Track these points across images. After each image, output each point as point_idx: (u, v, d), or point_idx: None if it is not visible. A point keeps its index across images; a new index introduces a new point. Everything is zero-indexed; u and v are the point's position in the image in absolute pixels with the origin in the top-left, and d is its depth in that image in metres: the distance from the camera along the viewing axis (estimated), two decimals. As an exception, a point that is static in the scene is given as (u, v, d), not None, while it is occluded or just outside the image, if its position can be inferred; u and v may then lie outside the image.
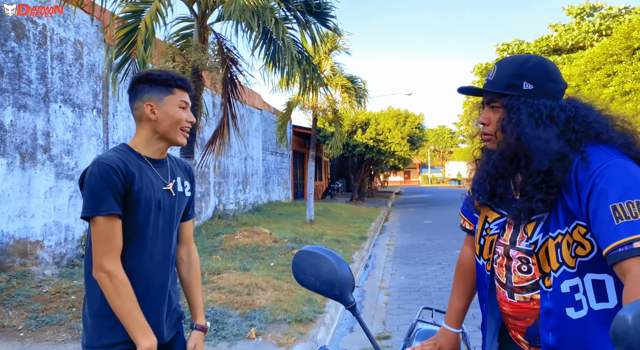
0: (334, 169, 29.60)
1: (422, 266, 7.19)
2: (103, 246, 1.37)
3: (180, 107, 1.49)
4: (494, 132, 1.26)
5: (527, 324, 1.26)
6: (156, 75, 1.50)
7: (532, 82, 1.19)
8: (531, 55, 1.24)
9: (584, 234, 1.12)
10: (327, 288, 1.15)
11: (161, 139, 1.51)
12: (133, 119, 1.53)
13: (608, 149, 1.13)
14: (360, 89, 10.16)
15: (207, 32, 4.66)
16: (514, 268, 1.26)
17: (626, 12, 24.56)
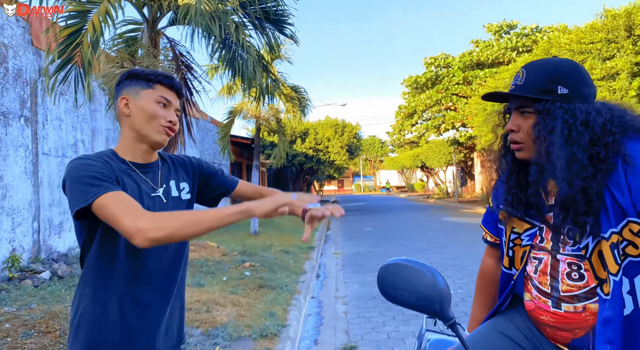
0: (271, 179, 29.38)
1: (373, 273, 7.27)
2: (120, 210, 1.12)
3: (158, 102, 1.33)
4: (527, 140, 1.21)
5: (575, 336, 1.18)
6: (140, 70, 1.38)
7: (567, 86, 1.15)
8: (562, 59, 1.21)
9: (636, 232, 1.06)
10: (425, 303, 1.07)
11: (139, 139, 1.35)
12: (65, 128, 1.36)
13: None
14: (304, 99, 10.18)
15: (159, 37, 4.42)
16: (562, 275, 1.19)
17: (537, 31, 26.93)
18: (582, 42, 9.75)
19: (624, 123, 1.14)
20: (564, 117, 1.14)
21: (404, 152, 43.11)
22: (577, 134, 1.13)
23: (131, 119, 1.34)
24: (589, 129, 1.13)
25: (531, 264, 1.28)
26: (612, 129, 1.13)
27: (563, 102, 1.15)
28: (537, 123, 1.18)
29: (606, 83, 9.15)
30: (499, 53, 25.63)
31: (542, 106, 1.16)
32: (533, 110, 1.19)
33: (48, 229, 6.84)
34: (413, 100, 28.48)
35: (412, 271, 1.09)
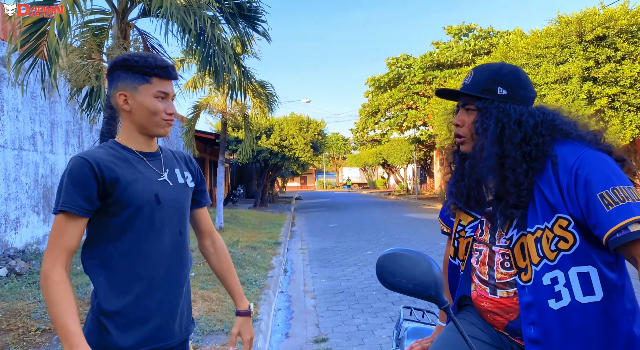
0: (234, 174, 29.06)
1: (340, 268, 7.40)
2: (50, 244, 1.28)
3: (157, 97, 1.36)
4: (468, 134, 1.32)
5: (509, 319, 1.29)
6: (133, 61, 1.37)
7: (506, 87, 1.26)
8: (505, 64, 1.31)
9: (565, 227, 1.14)
10: (422, 289, 1.12)
11: (140, 131, 1.40)
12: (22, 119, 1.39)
13: (578, 143, 1.21)
14: (270, 95, 10.16)
15: (129, 28, 4.33)
16: (497, 265, 1.30)
17: (494, 35, 27.93)
18: (538, 46, 10.24)
19: (554, 126, 1.25)
20: (498, 116, 1.25)
21: (366, 149, 43.68)
22: (510, 132, 1.23)
23: (131, 114, 1.37)
24: (522, 128, 1.23)
25: (474, 256, 1.40)
26: (542, 131, 1.23)
27: (500, 102, 1.26)
28: (476, 120, 1.29)
29: (559, 86, 9.66)
30: (458, 55, 26.41)
31: (482, 104, 1.28)
32: (475, 107, 1.30)
33: (3, 225, 6.55)
34: (376, 99, 28.92)
35: (410, 259, 1.15)
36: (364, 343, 4.05)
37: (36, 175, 7.37)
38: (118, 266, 1.33)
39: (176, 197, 1.44)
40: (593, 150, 1.18)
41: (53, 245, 1.26)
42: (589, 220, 1.11)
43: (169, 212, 1.41)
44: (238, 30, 4.66)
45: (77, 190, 1.27)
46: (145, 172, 1.39)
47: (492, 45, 25.56)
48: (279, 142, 18.52)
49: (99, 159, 1.31)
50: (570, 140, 1.23)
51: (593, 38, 9.17)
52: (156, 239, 1.37)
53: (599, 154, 1.16)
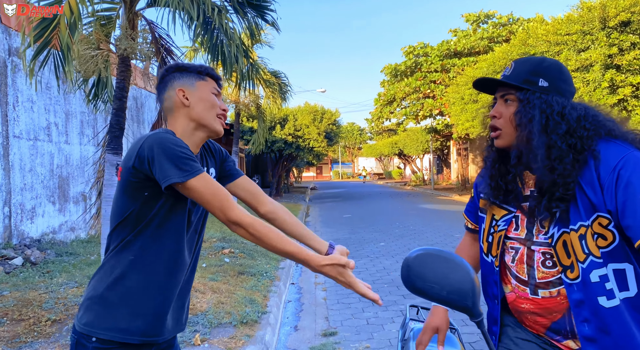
0: (249, 165, 29.18)
1: (352, 259, 7.34)
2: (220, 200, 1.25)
3: (213, 93, 1.46)
4: (506, 127, 1.30)
5: (553, 319, 1.27)
6: (187, 64, 1.48)
7: (548, 80, 1.25)
8: (546, 58, 1.31)
9: (605, 225, 1.14)
10: (458, 298, 1.00)
11: (198, 128, 1.43)
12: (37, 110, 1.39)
13: (622, 143, 1.19)
14: (284, 84, 10.08)
15: (137, 19, 4.29)
16: (538, 264, 1.27)
17: (513, 22, 27.26)
18: (558, 33, 9.91)
19: (598, 121, 1.23)
20: (542, 107, 1.23)
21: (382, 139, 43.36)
22: (554, 123, 1.22)
23: (190, 109, 1.41)
24: (565, 120, 1.22)
25: (508, 254, 1.35)
26: (586, 125, 1.22)
27: (542, 93, 1.25)
28: (518, 111, 1.27)
29: (580, 74, 9.35)
30: (476, 43, 25.87)
31: (523, 95, 1.26)
32: (515, 98, 1.28)
33: (20, 214, 6.65)
34: (392, 88, 28.59)
35: (445, 262, 1.02)
36: (372, 337, 4.00)
37: (51, 166, 7.46)
38: (154, 259, 1.35)
39: None
40: (638, 151, 1.17)
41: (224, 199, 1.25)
42: (622, 220, 1.11)
43: (197, 216, 1.47)
44: (247, 20, 4.57)
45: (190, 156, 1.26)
46: None
47: (511, 32, 24.96)
48: (293, 132, 18.47)
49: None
50: (613, 138, 1.21)
51: (617, 24, 8.82)
52: (189, 233, 1.43)
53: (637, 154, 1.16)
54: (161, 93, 1.45)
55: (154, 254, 1.35)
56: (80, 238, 8.15)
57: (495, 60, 12.87)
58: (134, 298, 1.33)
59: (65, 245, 7.27)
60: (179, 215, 1.37)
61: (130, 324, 1.32)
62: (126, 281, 1.33)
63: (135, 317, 1.33)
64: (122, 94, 4.31)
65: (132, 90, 10.04)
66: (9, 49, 6.41)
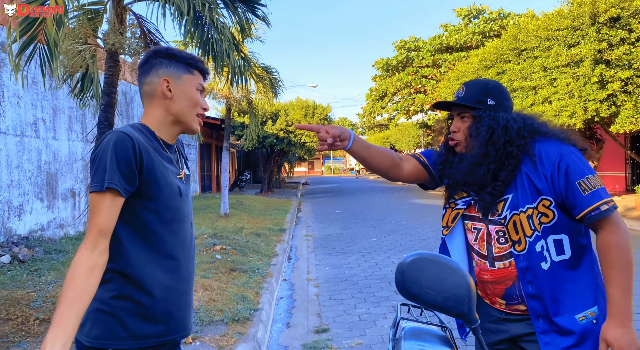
0: (241, 160, 29.04)
1: (344, 255, 7.36)
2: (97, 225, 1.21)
3: (198, 89, 1.39)
4: (462, 138, 1.59)
5: (506, 286, 1.56)
6: (177, 52, 1.39)
7: (494, 99, 1.55)
8: (490, 80, 1.61)
9: (547, 206, 1.46)
10: (453, 304, 0.98)
11: (175, 122, 1.38)
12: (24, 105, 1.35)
13: (554, 141, 1.50)
14: (275, 79, 10.01)
15: (125, 13, 4.21)
16: (494, 241, 1.56)
17: (504, 17, 27.33)
18: (549, 28, 9.94)
19: (533, 128, 1.53)
20: (489, 123, 1.52)
21: (373, 134, 43.36)
22: (497, 136, 1.51)
23: (172, 102, 1.35)
24: (508, 132, 1.51)
25: (471, 234, 1.64)
26: (525, 133, 1.52)
27: (491, 111, 1.54)
28: (471, 125, 1.56)
29: (570, 69, 9.40)
30: (467, 38, 25.91)
31: (477, 113, 1.55)
32: (470, 115, 1.57)
33: (7, 211, 6.56)
34: (383, 83, 28.57)
35: (441, 268, 1.01)
36: (365, 334, 4.00)
37: (39, 162, 7.35)
38: (148, 260, 1.30)
39: (188, 190, 1.49)
40: (568, 146, 1.48)
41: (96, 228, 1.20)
42: (567, 201, 1.43)
43: (186, 204, 1.43)
44: (237, 15, 4.51)
45: (122, 168, 1.21)
46: (171, 165, 1.39)
47: (503, 27, 25.02)
48: (284, 128, 18.40)
49: (139, 140, 1.26)
50: (549, 138, 1.51)
51: (607, 19, 8.86)
52: (180, 231, 1.38)
53: (573, 149, 1.48)
54: (143, 75, 1.36)
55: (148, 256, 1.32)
56: (69, 235, 8.06)
57: (486, 55, 12.89)
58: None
59: (54, 243, 7.18)
60: (156, 214, 1.32)
61: (144, 328, 1.30)
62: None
63: (147, 321, 1.30)
64: (110, 89, 4.24)
65: (121, 85, 9.91)
66: (-6, 44, 6.28)
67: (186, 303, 1.42)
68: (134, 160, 1.22)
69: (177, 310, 1.37)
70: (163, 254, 1.33)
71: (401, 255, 7.20)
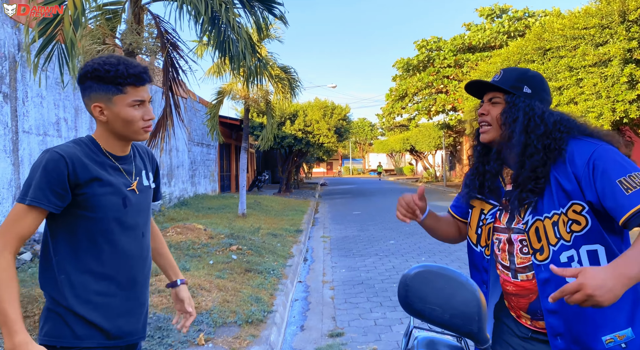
0: (260, 160, 29.18)
1: (360, 258, 7.27)
2: (3, 228, 1.27)
3: (133, 106, 1.34)
4: (494, 123, 1.46)
5: (530, 300, 1.43)
6: (103, 70, 1.31)
7: (532, 87, 1.43)
8: (529, 69, 1.50)
9: (579, 211, 1.30)
10: (461, 323, 0.90)
11: (119, 137, 1.41)
12: (46, 105, 1.37)
13: (592, 140, 1.35)
14: (294, 80, 9.98)
15: (143, 13, 4.23)
16: (517, 251, 1.44)
17: (529, 15, 26.78)
18: (575, 27, 9.65)
19: (571, 124, 1.41)
20: (525, 109, 1.41)
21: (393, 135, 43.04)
22: (534, 124, 1.39)
23: (108, 124, 1.36)
24: (544, 123, 1.39)
25: (495, 244, 1.53)
26: (561, 128, 1.39)
27: (526, 98, 1.42)
28: (504, 111, 1.43)
29: (598, 69, 9.10)
30: (491, 37, 25.48)
31: (510, 98, 1.44)
32: (502, 100, 1.45)
33: (29, 210, 6.67)
34: (404, 83, 28.29)
35: (448, 282, 0.91)
36: (380, 339, 3.91)
37: (61, 161, 7.48)
38: (86, 265, 1.35)
39: (141, 200, 1.48)
40: (606, 144, 1.33)
41: (7, 230, 1.26)
42: (606, 203, 1.24)
43: (134, 215, 1.44)
44: (254, 14, 4.48)
45: (50, 186, 1.26)
46: (117, 177, 1.41)
47: (527, 26, 24.51)
48: (303, 128, 18.38)
49: (75, 157, 1.30)
50: (586, 137, 1.37)
51: (637, 17, 8.54)
52: (121, 241, 1.40)
53: (612, 147, 1.32)
54: (82, 96, 1.38)
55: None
56: (89, 233, 8.17)
57: (510, 55, 12.61)
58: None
59: (75, 241, 7.29)
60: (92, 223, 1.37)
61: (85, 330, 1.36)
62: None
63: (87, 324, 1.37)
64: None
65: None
66: (19, 44, 6.41)
67: (132, 309, 1.45)
68: (66, 178, 1.27)
69: (119, 316, 1.41)
70: (98, 262, 1.37)
71: (420, 259, 7.07)
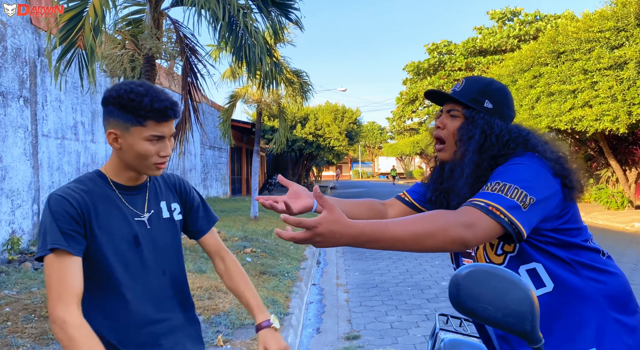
0: (270, 163, 29.29)
1: (374, 261, 7.26)
2: (53, 288, 1.15)
3: (150, 140, 1.25)
4: (450, 139, 1.35)
5: None
6: (127, 99, 1.23)
7: (493, 102, 1.32)
8: (495, 80, 1.37)
9: None
10: (514, 321, 0.89)
11: (130, 168, 1.32)
12: (65, 109, 1.31)
13: (529, 156, 1.22)
14: (306, 83, 10.03)
15: (162, 18, 4.30)
16: None
17: (540, 19, 26.64)
18: (590, 30, 9.59)
19: (525, 141, 1.28)
20: (483, 127, 1.29)
21: (403, 138, 42.96)
22: (489, 144, 1.28)
23: (122, 152, 1.28)
24: (499, 143, 1.28)
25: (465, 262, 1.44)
26: (511, 144, 1.27)
27: (486, 114, 1.31)
28: (462, 127, 1.32)
29: (614, 72, 9.03)
30: (502, 41, 25.38)
31: (469, 113, 1.32)
32: (461, 114, 1.34)
33: (47, 212, 6.78)
34: (414, 87, 28.27)
35: (501, 281, 0.91)
36: (397, 342, 3.91)
37: (78, 164, 7.59)
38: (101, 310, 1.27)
39: (158, 235, 1.37)
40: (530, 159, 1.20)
41: (57, 290, 1.14)
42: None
43: (150, 252, 1.34)
44: (270, 19, 4.54)
45: (62, 228, 1.19)
46: (125, 211, 1.31)
47: (539, 30, 24.38)
48: (313, 131, 18.44)
49: (79, 197, 1.24)
50: (526, 153, 1.24)
51: (653, 20, 8.48)
52: (137, 281, 1.30)
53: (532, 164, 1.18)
54: (103, 117, 1.30)
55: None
56: (105, 235, 8.28)
57: (523, 58, 12.55)
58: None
59: (91, 242, 7.39)
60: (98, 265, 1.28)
61: None
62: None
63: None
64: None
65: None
66: (39, 50, 6.53)
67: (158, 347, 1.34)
68: (72, 219, 1.20)
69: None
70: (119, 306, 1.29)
71: (433, 263, 7.06)
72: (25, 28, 6.20)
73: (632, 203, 12.57)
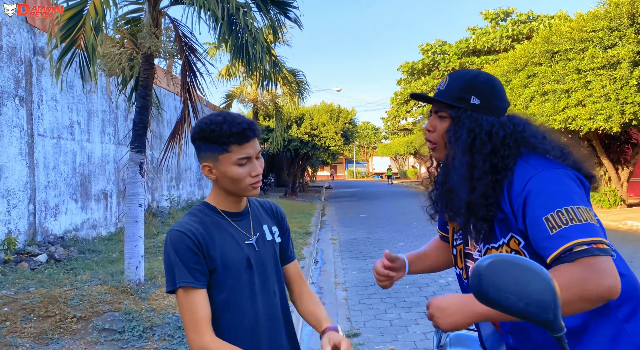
0: (265, 163, 29.22)
1: (371, 259, 7.29)
2: (187, 321, 1.27)
3: (238, 164, 1.31)
4: (440, 142, 1.30)
5: (496, 323, 1.37)
6: (209, 130, 1.30)
7: (480, 97, 1.24)
8: (481, 72, 1.28)
9: (518, 245, 1.18)
10: (537, 311, 0.90)
11: (231, 194, 1.39)
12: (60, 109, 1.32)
13: (537, 162, 1.17)
14: (302, 83, 10.05)
15: (161, 17, 4.29)
16: None
17: (533, 19, 26.81)
18: (583, 30, 9.68)
19: (522, 138, 1.22)
20: (470, 126, 1.23)
21: (397, 138, 43.08)
22: (480, 143, 1.22)
23: (218, 181, 1.36)
24: (492, 140, 1.21)
25: (469, 269, 1.37)
26: (510, 143, 1.21)
27: (473, 112, 1.24)
28: (449, 129, 1.26)
29: (607, 72, 9.12)
30: (495, 41, 25.53)
31: (455, 113, 1.25)
32: (447, 115, 1.27)
33: (44, 211, 6.75)
34: (409, 87, 28.35)
35: (523, 270, 0.91)
36: (397, 339, 3.94)
37: (74, 164, 7.55)
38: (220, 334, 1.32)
39: (266, 257, 1.43)
40: (547, 170, 1.14)
41: (192, 323, 1.25)
42: (532, 242, 1.12)
43: (261, 274, 1.39)
44: (269, 18, 4.54)
45: (187, 264, 1.28)
46: (236, 235, 1.38)
47: (532, 30, 24.55)
48: (309, 131, 18.45)
49: (195, 229, 1.32)
50: (535, 154, 1.21)
51: (645, 20, 8.58)
52: (253, 303, 1.36)
53: (550, 173, 1.13)
54: (196, 154, 1.39)
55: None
56: (101, 235, 8.24)
57: (517, 58, 12.64)
58: None
59: (88, 243, 7.35)
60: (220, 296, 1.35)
61: None
62: None
63: None
64: (145, 92, 4.32)
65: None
66: (34, 49, 6.49)
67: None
68: (194, 253, 1.28)
69: None
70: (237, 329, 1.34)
71: (430, 261, 7.09)
72: (21, 27, 6.16)
73: (625, 201, 12.71)
